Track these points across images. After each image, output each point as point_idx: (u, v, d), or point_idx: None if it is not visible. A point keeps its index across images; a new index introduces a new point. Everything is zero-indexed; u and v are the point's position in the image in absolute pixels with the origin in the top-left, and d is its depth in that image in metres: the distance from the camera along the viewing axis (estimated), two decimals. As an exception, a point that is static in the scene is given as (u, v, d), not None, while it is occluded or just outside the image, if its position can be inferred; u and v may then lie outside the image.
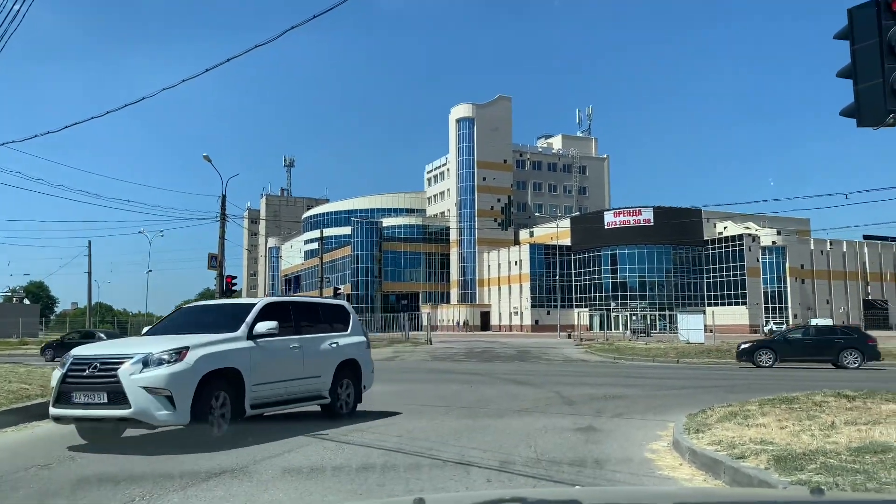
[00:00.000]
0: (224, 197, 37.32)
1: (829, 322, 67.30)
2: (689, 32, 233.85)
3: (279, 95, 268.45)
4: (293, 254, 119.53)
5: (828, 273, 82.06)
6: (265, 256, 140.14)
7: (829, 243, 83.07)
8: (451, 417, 10.36)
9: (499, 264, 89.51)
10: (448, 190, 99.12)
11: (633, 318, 67.45)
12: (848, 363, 22.45)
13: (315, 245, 79.14)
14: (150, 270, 70.69)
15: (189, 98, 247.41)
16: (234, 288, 36.84)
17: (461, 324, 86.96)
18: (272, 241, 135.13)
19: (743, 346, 24.13)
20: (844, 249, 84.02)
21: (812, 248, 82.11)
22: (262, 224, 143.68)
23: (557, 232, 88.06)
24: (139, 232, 61.61)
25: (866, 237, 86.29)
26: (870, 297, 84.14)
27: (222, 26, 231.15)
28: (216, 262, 36.83)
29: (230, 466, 6.62)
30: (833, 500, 1.57)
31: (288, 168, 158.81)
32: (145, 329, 9.83)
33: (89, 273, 56.36)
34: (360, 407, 10.64)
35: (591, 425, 9.30)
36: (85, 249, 56.67)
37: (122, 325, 63.59)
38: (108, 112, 15.37)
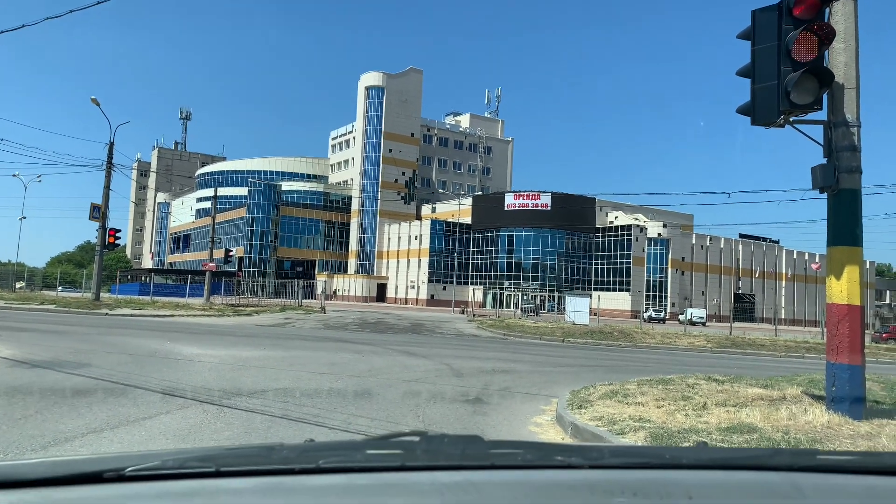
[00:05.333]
0: (112, 144, 35.08)
1: (702, 312, 72.19)
2: (599, 28, 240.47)
3: (180, 41, 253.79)
4: (184, 211, 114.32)
5: (705, 266, 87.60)
6: (153, 212, 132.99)
7: (708, 239, 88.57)
8: (339, 385, 10.21)
9: (399, 237, 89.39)
10: (353, 158, 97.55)
11: (525, 297, 69.35)
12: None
13: (208, 203, 75.76)
14: (24, 217, 65.55)
15: (79, 35, 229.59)
16: (116, 242, 34.70)
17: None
18: (162, 197, 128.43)
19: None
20: (722, 246, 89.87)
21: (693, 242, 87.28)
22: (153, 177, 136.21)
23: (459, 210, 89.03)
24: (13, 175, 56.93)
25: (742, 236, 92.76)
26: (740, 291, 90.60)
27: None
28: (99, 213, 34.57)
29: (97, 426, 6.20)
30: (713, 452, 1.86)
31: (184, 121, 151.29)
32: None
33: (-49, 215, 51.46)
34: (246, 371, 10.29)
35: (479, 397, 9.43)
36: (-54, 189, 51.61)
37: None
38: (-21, 37, 13.85)
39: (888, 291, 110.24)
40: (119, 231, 34.49)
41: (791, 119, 6.42)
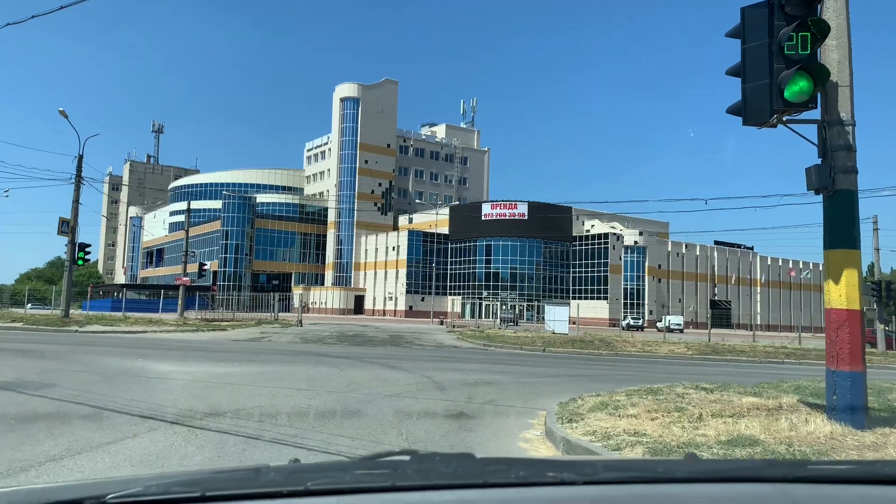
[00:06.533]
0: (81, 157, 34.25)
1: (680, 319, 72.58)
2: (576, 36, 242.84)
3: (152, 54, 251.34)
4: (157, 225, 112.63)
5: (682, 274, 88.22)
6: (126, 226, 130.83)
7: (684, 246, 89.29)
8: (318, 402, 9.81)
9: (376, 249, 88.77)
10: (328, 170, 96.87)
11: (504, 307, 69.16)
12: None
13: (182, 217, 74.48)
14: (-10, 233, 63.77)
15: (46, 46, 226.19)
16: (87, 257, 33.82)
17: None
18: (134, 211, 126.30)
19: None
20: (697, 253, 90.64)
21: (669, 249, 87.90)
22: (125, 191, 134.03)
23: (437, 220, 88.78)
24: (-22, 190, 55.31)
25: (717, 243, 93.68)
26: (716, 298, 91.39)
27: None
28: (68, 227, 33.69)
29: (57, 454, 5.76)
30: (706, 463, 1.90)
31: (156, 134, 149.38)
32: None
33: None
34: (219, 388, 9.85)
35: (464, 412, 9.09)
36: None
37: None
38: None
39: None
40: (89, 246, 33.64)
41: (784, 119, 6.24)
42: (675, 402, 7.83)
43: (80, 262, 33.36)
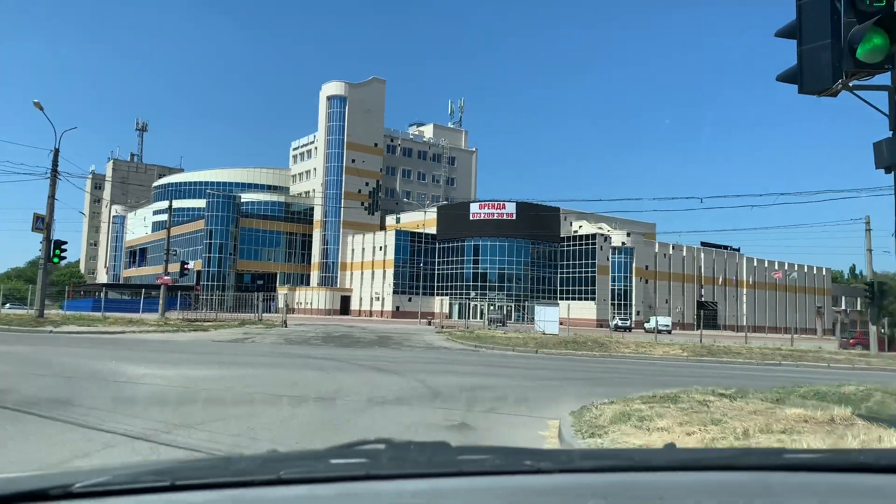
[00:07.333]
0: (57, 151, 33.03)
1: (668, 320, 72.19)
2: (564, 38, 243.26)
3: (135, 51, 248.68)
4: (141, 224, 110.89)
5: (669, 275, 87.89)
6: (108, 224, 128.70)
7: (671, 247, 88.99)
8: (304, 410, 8.91)
9: (363, 248, 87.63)
10: (315, 169, 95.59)
11: (492, 307, 68.30)
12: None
13: (165, 216, 72.96)
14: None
15: (26, 44, 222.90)
16: (63, 254, 32.59)
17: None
18: (117, 210, 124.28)
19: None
20: (684, 254, 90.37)
21: (657, 250, 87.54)
22: (108, 189, 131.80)
23: (424, 220, 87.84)
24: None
25: (703, 244, 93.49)
26: (703, 299, 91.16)
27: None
28: (43, 223, 32.44)
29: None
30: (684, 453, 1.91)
31: (140, 132, 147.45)
32: None
33: None
34: (195, 395, 8.92)
35: (466, 423, 8.22)
36: None
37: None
38: None
39: (843, 297, 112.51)
40: (66, 243, 32.37)
41: (851, 84, 5.40)
42: (706, 413, 6.99)
43: (56, 260, 32.16)
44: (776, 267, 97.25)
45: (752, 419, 6.59)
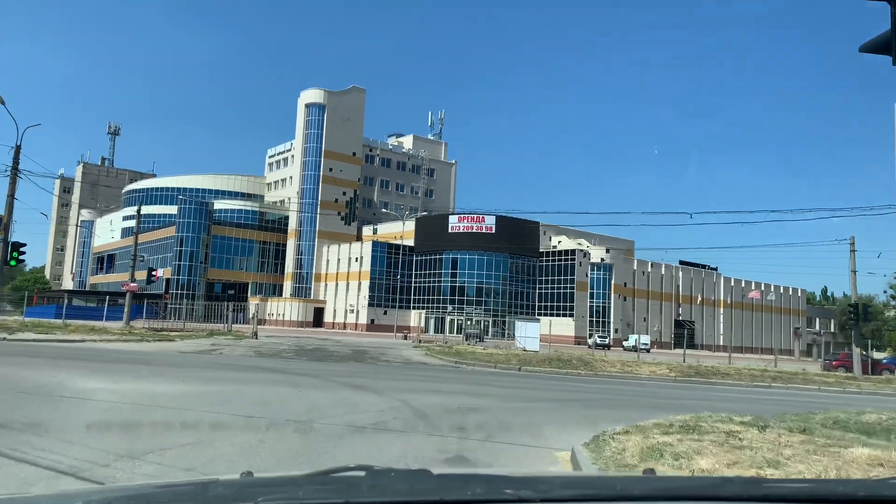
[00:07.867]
0: (18, 147, 31.38)
1: (647, 338, 71.66)
2: (546, 49, 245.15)
3: (108, 54, 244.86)
4: (110, 230, 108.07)
5: (647, 293, 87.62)
6: (76, 228, 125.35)
7: (650, 265, 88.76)
8: (272, 436, 7.73)
9: (339, 259, 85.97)
10: (291, 177, 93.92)
11: (469, 322, 67.15)
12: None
13: (135, 222, 70.64)
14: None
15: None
16: (21, 258, 30.86)
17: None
18: (87, 215, 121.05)
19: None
20: (663, 272, 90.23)
21: (635, 267, 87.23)
22: (77, 193, 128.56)
23: (402, 231, 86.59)
24: None
25: (682, 262, 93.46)
26: (680, 318, 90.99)
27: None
28: (1, 224, 30.72)
29: None
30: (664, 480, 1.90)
31: (112, 136, 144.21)
32: None
33: None
34: (149, 415, 7.69)
35: (462, 455, 7.09)
36: None
37: None
38: None
39: (817, 319, 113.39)
40: (24, 245, 30.62)
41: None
42: (749, 449, 5.95)
43: (13, 263, 30.43)
44: (752, 287, 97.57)
45: (811, 460, 5.55)
